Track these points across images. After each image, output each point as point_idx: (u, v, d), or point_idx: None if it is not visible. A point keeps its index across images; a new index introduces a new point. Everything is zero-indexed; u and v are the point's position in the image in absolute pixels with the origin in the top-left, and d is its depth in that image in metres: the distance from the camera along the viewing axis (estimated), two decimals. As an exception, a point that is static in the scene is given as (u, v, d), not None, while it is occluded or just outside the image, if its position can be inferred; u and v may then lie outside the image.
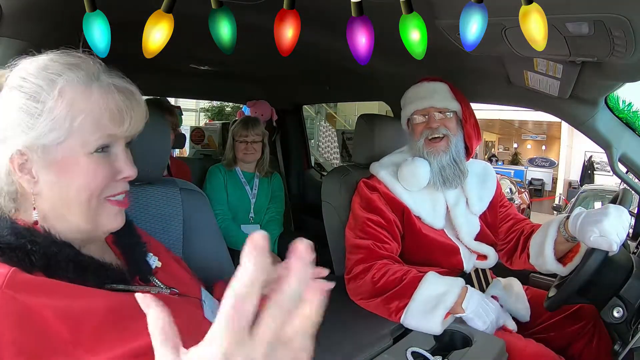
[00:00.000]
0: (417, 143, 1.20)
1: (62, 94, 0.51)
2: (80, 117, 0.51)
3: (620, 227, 0.94)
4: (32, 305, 0.44)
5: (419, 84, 1.24)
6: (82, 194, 0.53)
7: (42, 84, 0.51)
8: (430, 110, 1.19)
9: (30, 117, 0.50)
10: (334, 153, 8.03)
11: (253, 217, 1.91)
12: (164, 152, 0.95)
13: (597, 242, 0.94)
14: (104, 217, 0.56)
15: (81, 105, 0.52)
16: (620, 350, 0.87)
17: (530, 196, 10.75)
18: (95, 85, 0.53)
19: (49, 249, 0.50)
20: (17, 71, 0.53)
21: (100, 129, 0.53)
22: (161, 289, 0.63)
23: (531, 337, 1.05)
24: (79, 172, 0.52)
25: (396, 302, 1.03)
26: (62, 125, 0.51)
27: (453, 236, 1.21)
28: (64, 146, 0.51)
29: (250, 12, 0.91)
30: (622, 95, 1.15)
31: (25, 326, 0.43)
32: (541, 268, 1.17)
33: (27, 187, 0.52)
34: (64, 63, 0.53)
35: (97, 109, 0.52)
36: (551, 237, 1.12)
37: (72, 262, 0.51)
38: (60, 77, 0.51)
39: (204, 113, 9.59)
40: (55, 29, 0.97)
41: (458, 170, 1.18)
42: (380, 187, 1.20)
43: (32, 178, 0.51)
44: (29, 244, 0.49)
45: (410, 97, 1.24)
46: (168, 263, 0.70)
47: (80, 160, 0.52)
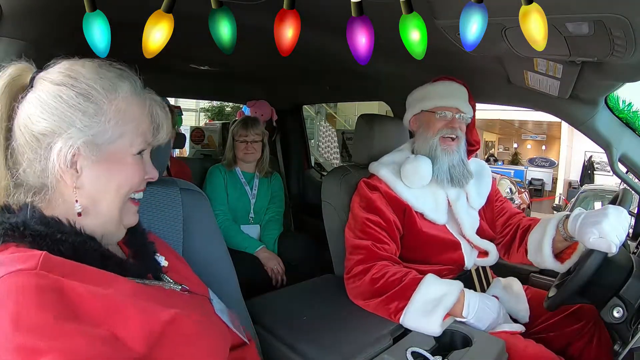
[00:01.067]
0: (432, 139, 1.20)
1: (116, 99, 0.56)
2: (131, 123, 0.58)
3: (619, 228, 0.94)
4: (65, 285, 0.48)
5: (444, 81, 1.24)
6: (123, 188, 0.58)
7: (96, 86, 0.55)
8: (454, 110, 1.20)
9: (85, 115, 0.54)
10: (334, 153, 8.03)
11: (253, 218, 1.91)
12: (164, 152, 0.95)
13: (597, 244, 0.94)
14: (126, 213, 0.61)
15: (131, 112, 0.58)
16: (620, 350, 0.87)
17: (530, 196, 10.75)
18: (139, 95, 0.60)
19: (75, 239, 0.54)
20: (59, 69, 0.55)
21: (143, 135, 0.60)
22: (172, 285, 0.65)
23: (531, 337, 1.05)
24: (123, 170, 0.58)
25: (395, 302, 1.03)
26: (116, 129, 0.56)
27: (455, 232, 1.21)
28: (114, 146, 0.56)
29: (250, 12, 0.91)
30: (622, 95, 1.15)
31: (64, 300, 0.47)
32: (539, 264, 1.18)
33: (69, 181, 0.54)
34: (115, 72, 0.58)
35: (142, 117, 0.60)
36: (549, 236, 1.13)
37: (97, 251, 0.55)
38: (113, 85, 0.57)
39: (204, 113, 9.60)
40: (55, 29, 0.97)
41: (466, 171, 1.20)
42: (381, 186, 1.20)
43: (75, 172, 0.54)
44: (58, 233, 0.52)
45: (437, 93, 1.22)
46: (174, 263, 0.73)
47: (127, 160, 0.58)
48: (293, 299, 1.21)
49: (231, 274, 0.96)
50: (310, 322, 1.05)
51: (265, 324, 1.02)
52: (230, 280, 0.96)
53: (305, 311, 1.10)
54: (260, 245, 1.77)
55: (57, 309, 0.45)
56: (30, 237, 0.51)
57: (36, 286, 0.45)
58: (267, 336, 0.99)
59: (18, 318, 0.43)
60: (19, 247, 0.50)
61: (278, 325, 1.02)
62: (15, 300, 0.44)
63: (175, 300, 0.61)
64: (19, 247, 0.50)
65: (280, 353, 0.95)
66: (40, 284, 0.46)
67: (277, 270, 1.72)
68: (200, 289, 0.72)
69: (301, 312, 1.09)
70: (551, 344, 1.05)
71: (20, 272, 0.46)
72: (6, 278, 0.45)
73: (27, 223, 0.51)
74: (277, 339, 0.98)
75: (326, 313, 1.10)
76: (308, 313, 1.09)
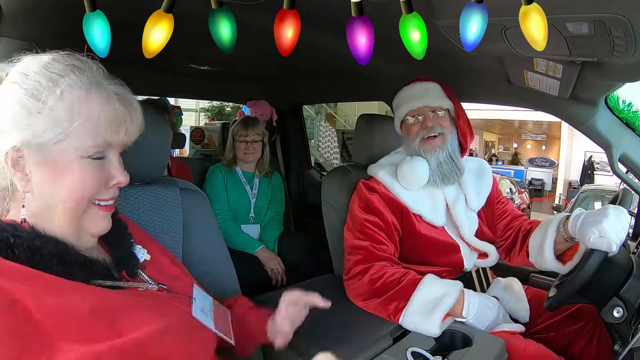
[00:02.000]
0: (413, 143, 1.20)
1: (63, 95, 0.51)
2: (78, 120, 0.51)
3: (619, 228, 0.94)
4: (14, 292, 0.45)
5: (410, 85, 1.24)
6: (71, 196, 0.53)
7: (43, 82, 0.51)
8: (424, 109, 1.20)
9: (29, 113, 0.50)
10: (334, 153, 8.03)
11: (253, 217, 1.91)
12: (163, 151, 0.95)
13: (597, 243, 0.94)
14: (88, 220, 0.56)
15: (81, 109, 0.52)
16: (620, 350, 0.87)
17: (530, 196, 10.75)
18: (96, 91, 0.53)
19: (32, 242, 0.50)
20: (18, 66, 0.53)
21: (98, 135, 0.53)
22: (149, 284, 0.63)
23: (531, 337, 1.05)
24: (70, 174, 0.52)
25: (395, 303, 1.03)
26: (60, 126, 0.51)
27: (453, 234, 1.21)
28: (59, 147, 0.51)
29: (250, 12, 0.91)
30: (622, 95, 1.15)
31: (12, 311, 0.44)
32: (541, 266, 1.17)
33: (19, 184, 0.52)
34: (67, 64, 0.53)
35: (96, 115, 0.53)
36: (550, 237, 1.12)
37: (56, 256, 0.51)
38: (63, 78, 0.52)
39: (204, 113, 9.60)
40: (55, 29, 0.97)
41: (455, 167, 1.19)
42: (380, 188, 1.20)
43: (24, 176, 0.52)
44: (12, 237, 0.49)
45: (403, 99, 1.24)
46: (159, 258, 0.70)
47: (74, 164, 0.52)
48: (293, 299, 1.21)
49: (231, 274, 0.96)
50: (310, 322, 1.05)
51: (265, 324, 1.02)
52: (230, 280, 0.96)
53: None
54: (260, 246, 1.77)
55: (2, 320, 0.43)
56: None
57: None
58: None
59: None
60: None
61: (278, 325, 1.02)
62: None
63: (144, 309, 0.56)
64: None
65: (280, 353, 0.95)
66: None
67: (277, 271, 1.72)
68: (182, 287, 0.69)
69: (301, 312, 1.09)
70: (551, 344, 1.04)
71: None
72: None
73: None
74: (277, 339, 0.98)
75: (326, 313, 1.10)
76: (308, 313, 1.08)
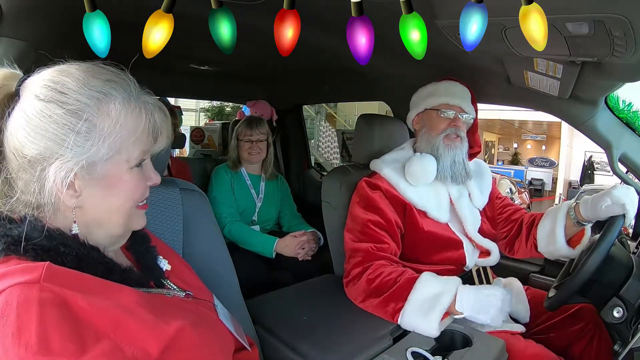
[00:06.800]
0: (435, 139, 1.21)
1: (108, 112, 0.52)
2: (124, 135, 0.53)
3: (630, 194, 1.00)
4: (69, 297, 0.47)
5: (450, 81, 1.26)
6: (125, 205, 0.56)
7: (87, 101, 0.51)
8: (458, 108, 1.22)
9: (77, 135, 0.50)
10: (334, 153, 8.03)
11: (255, 220, 1.89)
12: (164, 152, 0.95)
13: (611, 210, 1.00)
14: (135, 220, 0.60)
15: (126, 123, 0.53)
16: (620, 350, 0.87)
17: (530, 196, 10.73)
18: (135, 103, 0.55)
19: (79, 251, 0.52)
20: (45, 82, 0.51)
21: (141, 145, 0.55)
22: (176, 291, 0.64)
23: (531, 338, 1.05)
24: (123, 186, 0.55)
25: (392, 304, 1.02)
26: (109, 144, 0.52)
27: (457, 230, 1.21)
28: (110, 162, 0.53)
29: (250, 12, 0.91)
30: (622, 95, 1.16)
31: (66, 314, 0.45)
32: (552, 254, 1.21)
33: (69, 202, 0.52)
34: (105, 80, 0.53)
35: (140, 127, 0.55)
36: (561, 223, 1.17)
37: (101, 263, 0.54)
38: (105, 96, 0.52)
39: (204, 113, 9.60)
40: (55, 29, 0.97)
41: (464, 171, 1.22)
42: (383, 184, 1.20)
43: (74, 192, 0.52)
44: (61, 246, 0.51)
45: (442, 91, 1.24)
46: (178, 267, 0.71)
47: (125, 176, 0.55)
48: (293, 299, 1.21)
49: (231, 274, 0.96)
50: (310, 322, 1.05)
51: (265, 324, 1.02)
52: (230, 280, 0.95)
53: (305, 311, 1.09)
54: (274, 243, 1.68)
55: (59, 324, 0.44)
56: (32, 250, 0.49)
57: (39, 300, 0.44)
58: (267, 336, 0.99)
59: (19, 333, 0.42)
60: (20, 259, 0.49)
61: (278, 326, 1.02)
62: (17, 314, 0.43)
63: (179, 308, 0.60)
64: (21, 259, 0.49)
65: (280, 353, 0.95)
66: (43, 297, 0.45)
67: (306, 248, 1.68)
68: (204, 294, 0.71)
69: (301, 312, 1.09)
70: (551, 344, 1.04)
71: (23, 284, 0.45)
72: (8, 291, 0.44)
73: (30, 235, 0.49)
74: (277, 339, 0.98)
75: (326, 313, 1.10)
76: (308, 313, 1.08)
